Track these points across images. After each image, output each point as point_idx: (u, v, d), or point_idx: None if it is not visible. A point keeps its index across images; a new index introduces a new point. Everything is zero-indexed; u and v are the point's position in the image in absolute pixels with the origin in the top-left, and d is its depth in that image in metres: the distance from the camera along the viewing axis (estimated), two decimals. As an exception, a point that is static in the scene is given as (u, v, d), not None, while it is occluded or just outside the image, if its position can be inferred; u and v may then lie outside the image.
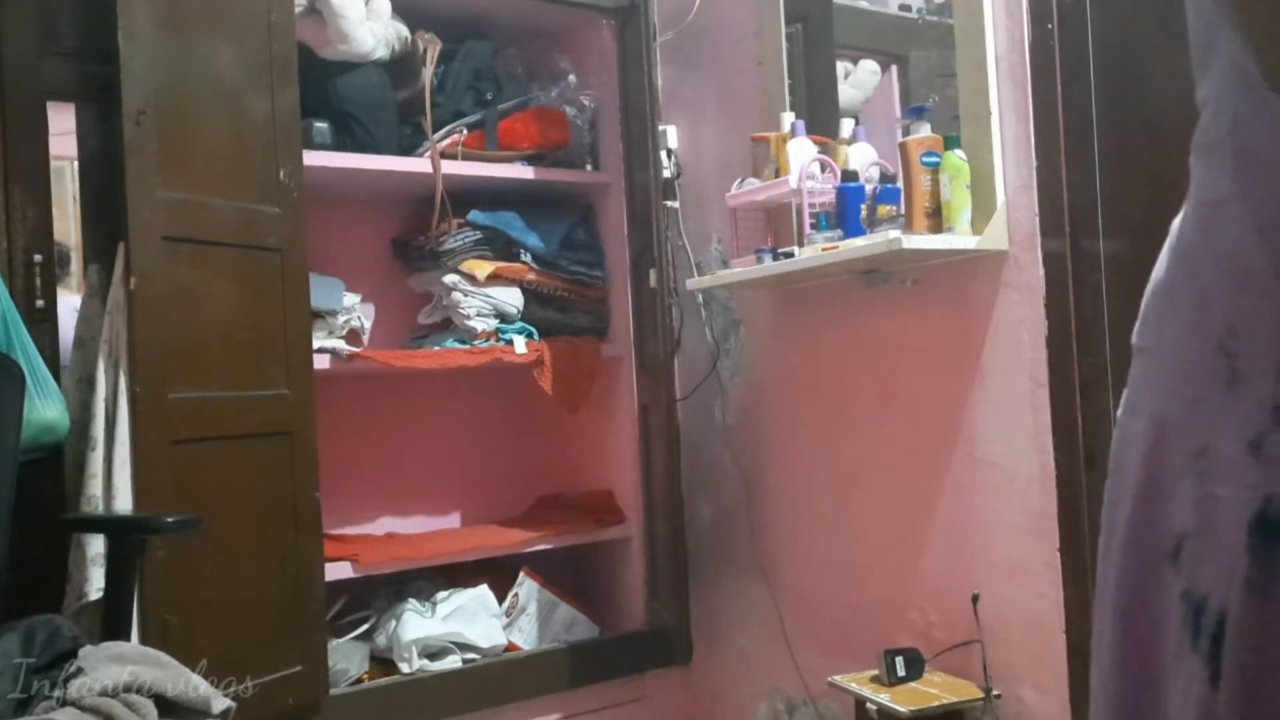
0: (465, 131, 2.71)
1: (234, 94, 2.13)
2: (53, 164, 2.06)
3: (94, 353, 1.97)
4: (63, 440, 1.94)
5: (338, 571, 2.40)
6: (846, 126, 2.37)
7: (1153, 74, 1.87)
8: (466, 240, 2.71)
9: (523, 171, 2.79)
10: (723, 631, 2.76)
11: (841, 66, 2.54)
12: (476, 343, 2.68)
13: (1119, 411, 0.56)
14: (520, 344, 2.70)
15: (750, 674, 2.69)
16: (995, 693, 2.04)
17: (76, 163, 2.22)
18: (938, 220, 2.03)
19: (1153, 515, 0.51)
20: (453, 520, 3.05)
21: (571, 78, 2.90)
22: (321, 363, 2.38)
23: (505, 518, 3.03)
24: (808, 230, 2.20)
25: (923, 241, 2.00)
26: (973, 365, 2.10)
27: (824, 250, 2.13)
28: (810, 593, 2.51)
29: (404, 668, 2.45)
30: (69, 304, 2.17)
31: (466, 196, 2.72)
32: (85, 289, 2.06)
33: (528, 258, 2.77)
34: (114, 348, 1.95)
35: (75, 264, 2.87)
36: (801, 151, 2.28)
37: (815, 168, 2.24)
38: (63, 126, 2.11)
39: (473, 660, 2.55)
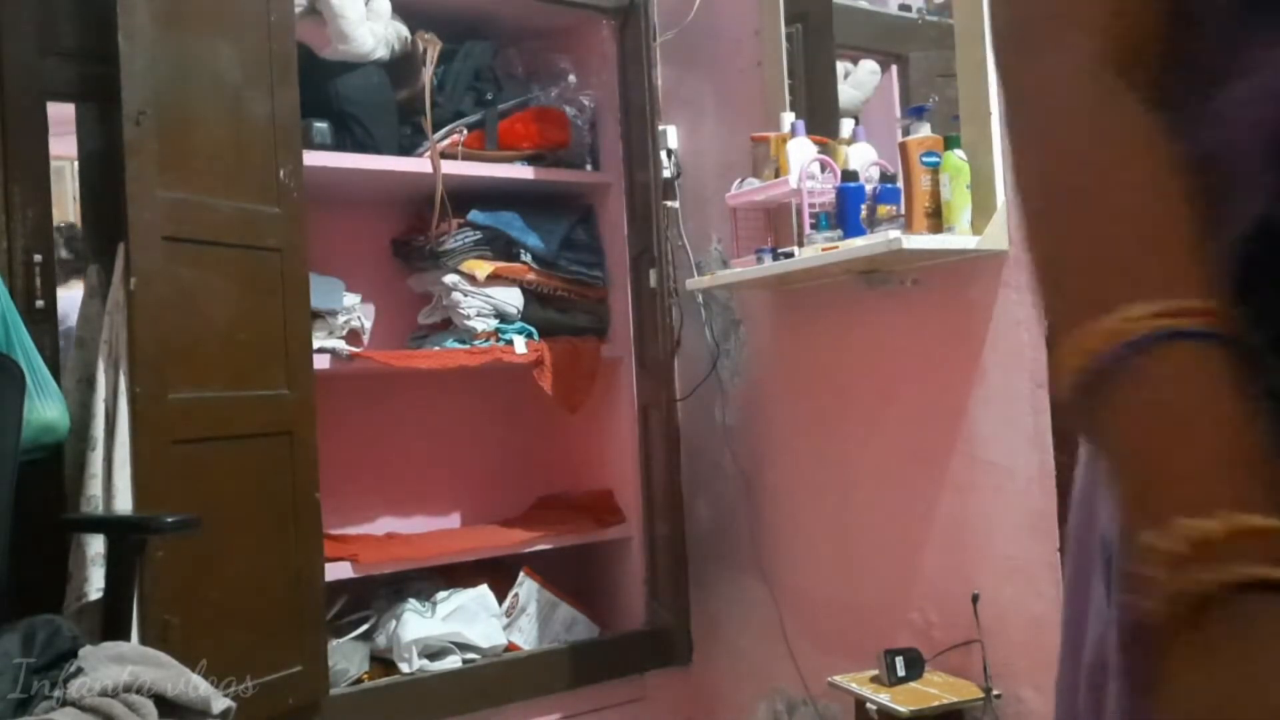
0: (465, 131, 2.71)
1: (234, 94, 2.13)
2: (53, 164, 2.05)
3: (94, 353, 1.97)
4: (63, 440, 1.94)
5: (338, 571, 2.40)
6: (846, 126, 2.37)
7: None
8: (466, 240, 2.71)
9: (523, 171, 2.79)
10: (723, 631, 2.76)
11: (841, 66, 2.54)
12: (476, 343, 2.67)
13: None
14: (520, 344, 2.70)
15: (750, 674, 2.69)
16: (995, 693, 2.04)
17: (76, 163, 2.21)
18: (938, 220, 2.03)
19: (1089, 517, 0.64)
20: (453, 520, 3.05)
21: (571, 78, 2.90)
22: (321, 363, 2.38)
23: (505, 518, 3.03)
24: (808, 230, 2.20)
25: (923, 241, 2.00)
26: (973, 365, 2.10)
27: (824, 250, 2.13)
28: (810, 593, 2.51)
29: (404, 668, 2.45)
30: (79, 294, 2.16)
31: (466, 196, 2.72)
32: (85, 289, 2.06)
33: (528, 258, 2.77)
34: (114, 348, 1.95)
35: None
36: (801, 151, 2.28)
37: (815, 168, 2.24)
38: (63, 127, 2.11)
39: (473, 660, 2.55)
